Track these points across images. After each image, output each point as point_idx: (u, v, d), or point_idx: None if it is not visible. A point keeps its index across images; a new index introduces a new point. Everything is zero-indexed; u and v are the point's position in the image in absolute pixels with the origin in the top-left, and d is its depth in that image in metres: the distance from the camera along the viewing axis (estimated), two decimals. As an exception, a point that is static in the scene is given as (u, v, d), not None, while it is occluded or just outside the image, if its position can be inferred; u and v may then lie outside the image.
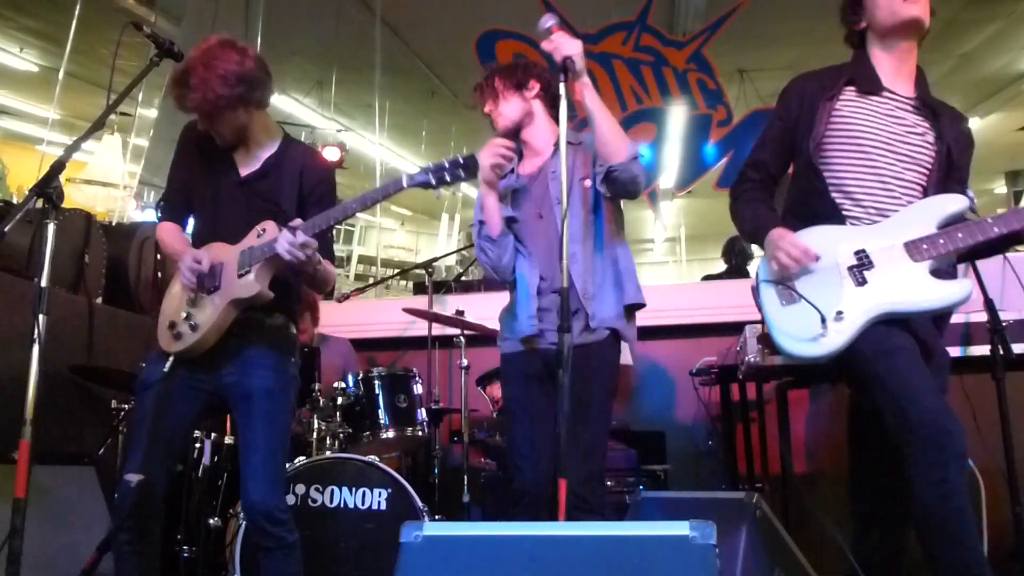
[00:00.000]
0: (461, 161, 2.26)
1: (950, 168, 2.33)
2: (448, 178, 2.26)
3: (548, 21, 2.41)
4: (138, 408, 2.47)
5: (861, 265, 2.26)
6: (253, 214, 2.47)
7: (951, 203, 2.25)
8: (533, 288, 2.63)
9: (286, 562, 2.42)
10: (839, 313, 2.24)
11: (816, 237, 2.33)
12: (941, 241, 2.18)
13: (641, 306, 2.68)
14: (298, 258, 2.29)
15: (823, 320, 2.24)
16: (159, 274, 4.10)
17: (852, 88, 2.37)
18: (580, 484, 2.49)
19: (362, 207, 2.38)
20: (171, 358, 2.43)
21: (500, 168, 2.61)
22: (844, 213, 2.32)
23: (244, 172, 2.55)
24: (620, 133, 2.53)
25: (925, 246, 2.20)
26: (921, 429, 2.04)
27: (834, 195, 2.34)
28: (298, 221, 2.32)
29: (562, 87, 2.39)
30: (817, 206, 2.35)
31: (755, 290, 2.47)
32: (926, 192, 2.32)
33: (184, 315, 2.44)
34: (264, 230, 2.42)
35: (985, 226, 2.14)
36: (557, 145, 2.69)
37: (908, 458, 2.08)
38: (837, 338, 2.23)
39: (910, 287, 2.20)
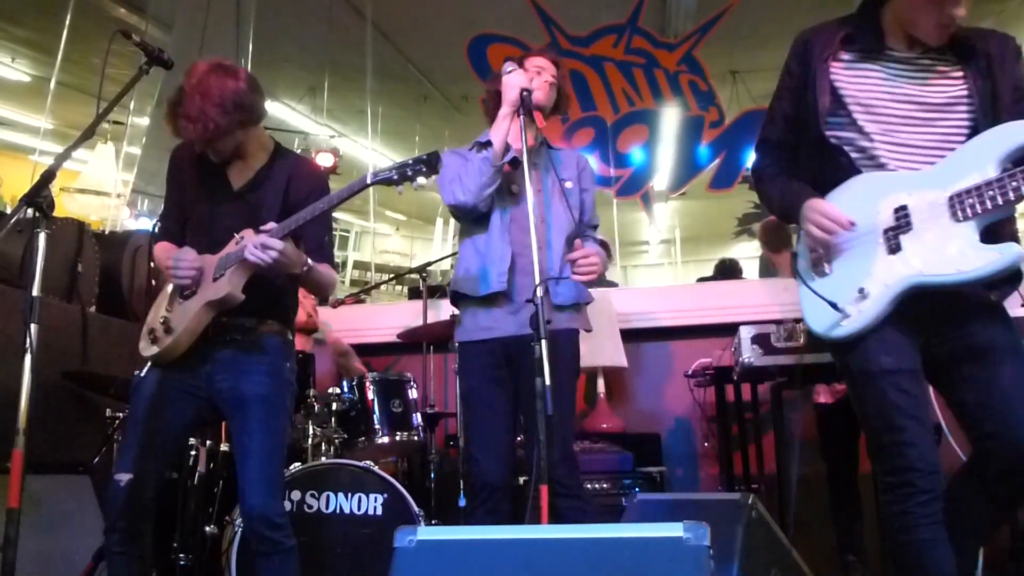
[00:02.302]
0: (424, 158, 2.30)
1: (997, 97, 1.98)
2: (410, 173, 2.29)
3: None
4: (131, 412, 2.49)
5: (898, 227, 1.97)
6: (243, 226, 2.48)
7: (1014, 134, 1.86)
8: (507, 246, 2.67)
9: (283, 567, 2.42)
10: (861, 291, 2.00)
11: (857, 189, 2.06)
12: (990, 194, 1.82)
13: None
14: (263, 260, 2.31)
15: (835, 307, 2.02)
16: (153, 282, 4.09)
17: (852, 47, 2.12)
18: (554, 467, 2.45)
19: (329, 206, 2.37)
20: (148, 364, 2.47)
21: (528, 92, 2.61)
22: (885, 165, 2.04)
23: (237, 185, 2.58)
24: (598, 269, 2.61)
25: (971, 201, 1.85)
26: (910, 473, 1.94)
27: (862, 163, 2.07)
28: (270, 224, 2.36)
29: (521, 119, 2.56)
30: (842, 179, 2.10)
31: (791, 264, 2.27)
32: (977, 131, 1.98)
33: (161, 320, 2.48)
34: (243, 237, 2.44)
35: None
36: (541, 143, 2.83)
37: (880, 484, 2.02)
38: (860, 319, 2.00)
39: (945, 255, 1.88)
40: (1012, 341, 1.98)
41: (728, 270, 6.23)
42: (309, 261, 2.46)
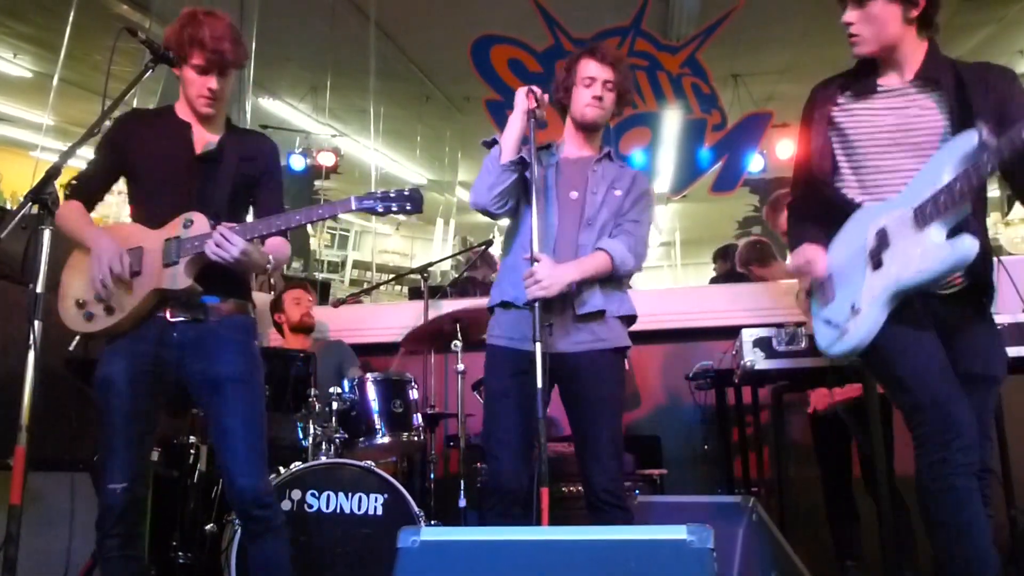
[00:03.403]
0: (406, 194, 2.37)
1: (966, 114, 2.12)
2: (395, 208, 2.36)
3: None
4: (104, 409, 2.38)
5: (880, 246, 2.17)
6: (197, 193, 2.45)
7: (958, 146, 2.03)
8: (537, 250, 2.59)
9: (275, 545, 2.43)
10: (853, 307, 2.19)
11: (848, 230, 2.28)
12: (941, 199, 2.01)
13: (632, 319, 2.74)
14: (224, 259, 2.29)
15: (830, 324, 2.24)
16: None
17: (848, 91, 2.32)
18: (615, 483, 2.54)
19: (307, 220, 2.41)
20: (77, 337, 2.45)
21: (534, 101, 2.59)
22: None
23: (199, 148, 2.51)
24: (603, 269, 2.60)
25: (928, 208, 2.04)
26: (930, 411, 2.03)
27: (857, 199, 2.28)
28: (232, 226, 2.33)
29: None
30: (845, 208, 2.29)
31: (804, 298, 2.48)
32: None
33: (98, 295, 2.38)
34: (191, 221, 2.39)
35: (980, 165, 1.94)
36: (602, 158, 2.79)
37: (916, 440, 2.07)
38: (856, 333, 2.17)
39: (914, 257, 2.08)
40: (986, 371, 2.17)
41: (729, 256, 6.18)
42: (271, 259, 2.44)
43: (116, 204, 6.61)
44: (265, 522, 2.40)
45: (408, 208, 2.36)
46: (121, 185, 2.65)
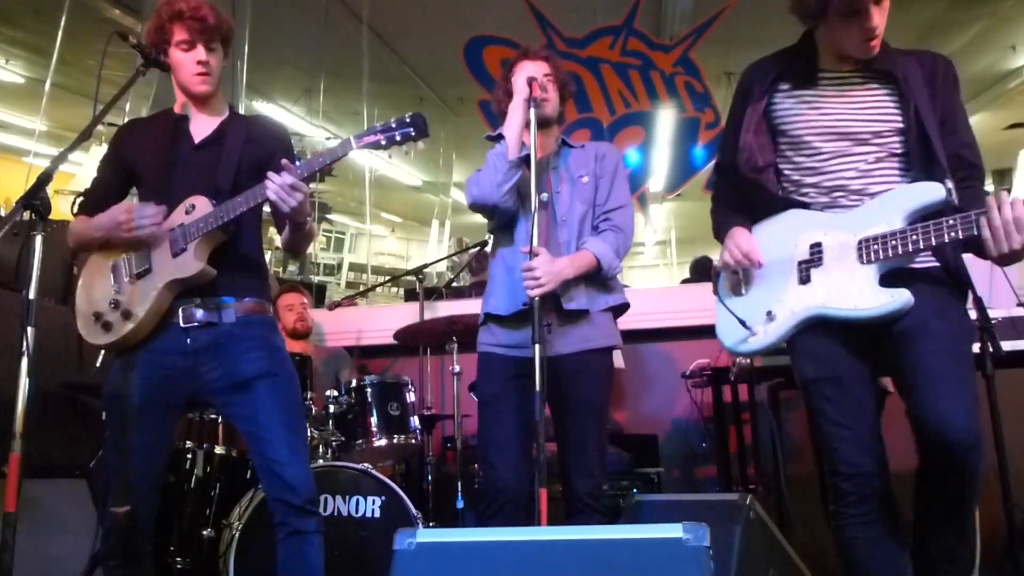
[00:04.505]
0: (407, 119, 2.19)
1: (926, 136, 2.06)
2: (398, 138, 2.18)
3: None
4: (114, 423, 2.30)
5: (811, 261, 2.13)
6: (201, 182, 2.36)
7: (923, 194, 2.02)
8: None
9: (318, 549, 2.30)
10: (769, 313, 2.17)
11: (778, 227, 2.22)
12: (893, 243, 1.99)
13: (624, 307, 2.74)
14: (288, 203, 2.16)
15: (744, 324, 2.21)
16: (74, 269, 3.94)
17: (786, 79, 2.22)
18: (598, 488, 2.58)
19: (327, 163, 2.22)
20: (114, 362, 2.33)
21: (538, 88, 2.57)
22: (808, 204, 2.18)
23: (199, 138, 2.46)
24: (590, 265, 2.59)
25: (876, 247, 2.02)
26: (836, 476, 2.07)
27: (793, 196, 2.21)
28: (285, 162, 2.21)
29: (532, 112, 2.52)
30: (772, 208, 2.24)
31: (714, 282, 2.40)
32: (907, 164, 2.11)
33: (111, 303, 2.32)
34: (193, 206, 2.31)
35: (943, 228, 1.93)
36: (558, 151, 2.76)
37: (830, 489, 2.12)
38: (764, 339, 2.18)
39: (846, 291, 2.05)
40: (940, 317, 2.02)
41: (704, 269, 6.22)
42: (310, 211, 2.31)
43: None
44: (318, 521, 2.30)
45: (412, 134, 2.18)
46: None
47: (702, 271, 6.29)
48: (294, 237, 2.38)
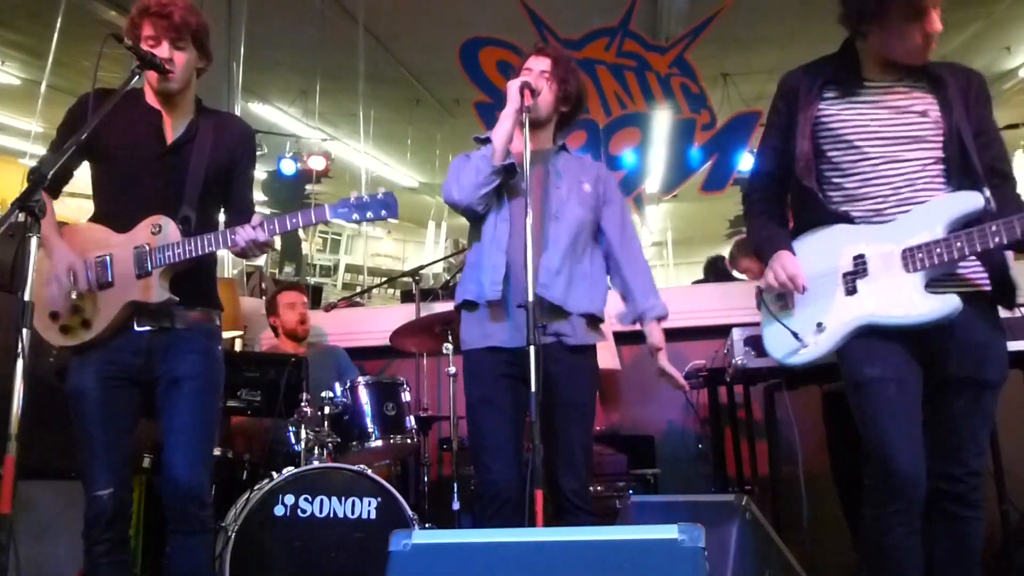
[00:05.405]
0: (380, 198, 2.36)
1: (964, 145, 2.13)
2: (370, 216, 2.35)
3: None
4: (79, 419, 2.42)
5: (856, 272, 2.17)
6: (168, 189, 2.44)
7: (962, 203, 2.08)
8: (500, 254, 2.59)
9: (205, 548, 2.44)
10: (819, 325, 2.20)
11: (821, 241, 2.25)
12: (938, 251, 2.04)
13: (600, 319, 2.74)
14: (252, 254, 2.43)
15: (796, 336, 2.23)
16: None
17: (832, 87, 2.25)
18: (584, 487, 2.56)
19: (299, 226, 2.40)
20: (72, 361, 2.43)
21: (530, 93, 2.56)
22: (855, 215, 2.20)
23: (171, 138, 2.49)
24: None
25: (921, 255, 2.07)
26: (889, 478, 2.05)
27: (842, 206, 2.22)
28: (257, 218, 2.36)
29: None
30: (821, 219, 2.26)
31: (758, 296, 2.43)
32: (948, 171, 2.16)
33: (71, 308, 2.41)
34: (160, 227, 2.40)
35: (987, 234, 1.98)
36: (559, 150, 2.77)
37: (866, 488, 2.11)
38: (815, 350, 2.20)
39: (895, 299, 2.10)
40: (976, 373, 2.10)
41: (721, 271, 6.23)
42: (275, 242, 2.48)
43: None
44: (202, 522, 2.40)
45: (383, 214, 2.36)
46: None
47: (719, 271, 6.26)
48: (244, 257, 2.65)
